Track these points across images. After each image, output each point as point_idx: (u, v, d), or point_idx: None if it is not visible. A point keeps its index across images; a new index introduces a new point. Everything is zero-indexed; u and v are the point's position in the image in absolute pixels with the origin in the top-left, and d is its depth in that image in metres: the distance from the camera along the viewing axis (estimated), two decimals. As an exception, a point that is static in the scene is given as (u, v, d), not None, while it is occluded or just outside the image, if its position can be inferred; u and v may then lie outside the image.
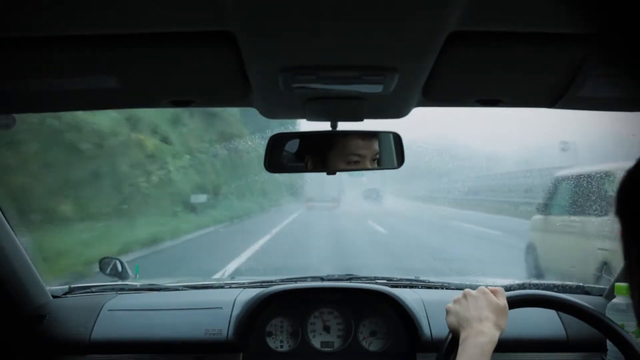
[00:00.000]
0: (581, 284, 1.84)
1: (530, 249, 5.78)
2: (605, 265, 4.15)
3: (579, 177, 4.91)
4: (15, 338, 1.61)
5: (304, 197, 19.99)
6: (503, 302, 1.15)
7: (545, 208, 5.55)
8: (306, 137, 1.27)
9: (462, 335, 1.10)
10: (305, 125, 1.26)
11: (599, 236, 4.48)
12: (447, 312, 1.18)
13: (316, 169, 1.28)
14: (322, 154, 1.26)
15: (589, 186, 4.52)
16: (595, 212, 4.43)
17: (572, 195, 4.98)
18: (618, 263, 3.38)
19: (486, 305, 1.12)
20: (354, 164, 1.27)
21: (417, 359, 1.59)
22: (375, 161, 1.30)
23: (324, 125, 1.19)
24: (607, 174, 4.34)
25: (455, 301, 1.18)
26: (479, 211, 15.67)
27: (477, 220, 13.31)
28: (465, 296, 1.16)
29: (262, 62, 0.88)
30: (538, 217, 5.87)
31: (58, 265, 6.36)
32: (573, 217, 4.98)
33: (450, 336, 1.17)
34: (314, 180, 17.03)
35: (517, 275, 5.86)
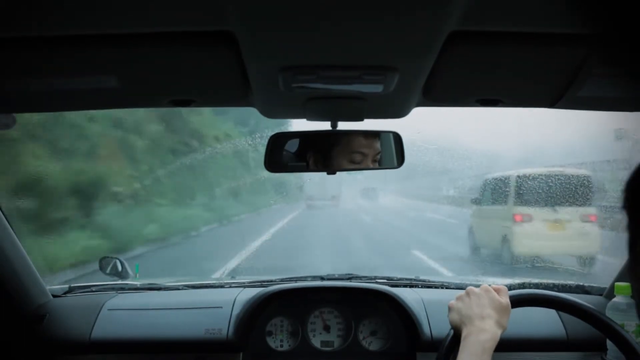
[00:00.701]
0: (581, 283, 1.84)
1: (470, 230, 8.03)
2: (504, 237, 6.45)
3: (494, 179, 7.26)
4: (15, 338, 1.61)
5: (293, 199, 16.92)
6: (506, 300, 1.15)
7: (478, 200, 7.77)
8: (307, 137, 1.27)
9: (464, 333, 1.10)
10: (304, 125, 1.25)
11: (503, 218, 6.56)
12: (450, 309, 1.18)
13: (317, 168, 1.27)
14: (323, 153, 1.26)
15: (499, 185, 6.99)
16: (501, 202, 6.76)
17: (491, 191, 7.23)
18: (511, 235, 5.46)
19: (489, 303, 1.12)
20: (357, 163, 1.27)
21: (417, 358, 1.59)
22: (377, 161, 1.30)
23: (324, 126, 1.19)
24: (506, 178, 6.69)
25: (458, 298, 1.18)
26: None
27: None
28: (468, 294, 1.16)
29: (262, 62, 0.88)
30: (474, 207, 7.95)
31: None
32: (491, 206, 7.26)
33: (451, 333, 1.17)
34: (313, 180, 15.07)
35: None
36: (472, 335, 1.08)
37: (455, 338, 1.14)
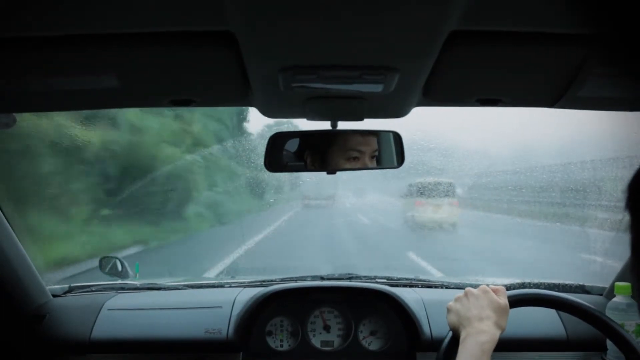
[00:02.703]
0: (581, 283, 1.85)
1: (403, 212, 12.33)
2: (412, 214, 11.26)
3: (410, 184, 11.11)
4: (15, 338, 1.61)
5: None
6: (504, 301, 1.15)
7: (405, 195, 11.92)
8: (307, 136, 1.27)
9: (463, 334, 1.10)
10: (304, 125, 1.25)
11: (412, 204, 11.28)
12: (448, 310, 1.18)
13: (317, 168, 1.27)
14: (323, 153, 1.26)
15: (412, 187, 10.85)
16: (413, 196, 11.02)
17: (410, 190, 11.19)
18: (415, 213, 11.36)
19: (487, 304, 1.12)
20: (356, 163, 1.26)
21: (417, 358, 1.59)
22: (375, 159, 1.29)
23: (324, 125, 1.19)
24: (414, 183, 10.77)
25: (457, 299, 1.17)
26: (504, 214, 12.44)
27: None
28: (466, 295, 1.16)
29: (262, 62, 0.88)
30: (407, 199, 12.07)
31: None
32: (409, 198, 11.58)
33: (450, 334, 1.17)
34: (312, 180, 14.27)
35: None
36: (470, 337, 1.08)
37: (454, 340, 1.13)
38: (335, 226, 12.46)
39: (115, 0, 0.71)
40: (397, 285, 1.79)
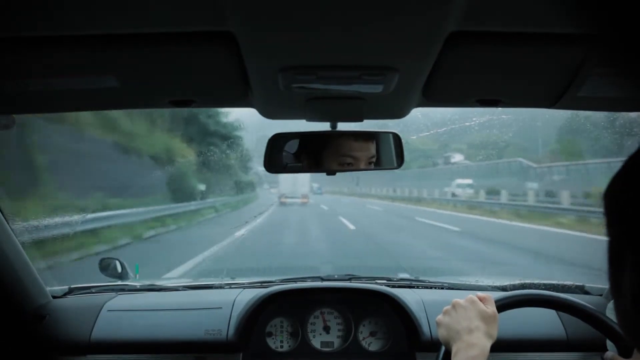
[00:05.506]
0: (581, 284, 1.84)
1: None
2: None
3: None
4: (16, 338, 1.61)
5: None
6: (492, 309, 1.13)
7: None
8: (307, 137, 1.27)
9: (454, 349, 1.09)
10: (305, 125, 1.25)
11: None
12: (438, 324, 1.17)
13: (316, 168, 1.28)
14: (322, 154, 1.26)
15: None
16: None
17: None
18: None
19: (475, 314, 1.11)
20: (356, 164, 1.26)
21: (416, 358, 1.59)
22: (376, 161, 1.29)
23: (324, 126, 1.19)
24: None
25: (445, 313, 1.16)
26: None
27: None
28: (454, 307, 1.15)
29: (262, 62, 0.88)
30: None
31: None
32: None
33: (443, 350, 1.16)
34: (288, 180, 22.42)
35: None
36: (461, 352, 1.06)
37: (447, 354, 1.12)
38: (304, 212, 19.22)
39: (115, 1, 0.71)
40: (397, 286, 1.79)
